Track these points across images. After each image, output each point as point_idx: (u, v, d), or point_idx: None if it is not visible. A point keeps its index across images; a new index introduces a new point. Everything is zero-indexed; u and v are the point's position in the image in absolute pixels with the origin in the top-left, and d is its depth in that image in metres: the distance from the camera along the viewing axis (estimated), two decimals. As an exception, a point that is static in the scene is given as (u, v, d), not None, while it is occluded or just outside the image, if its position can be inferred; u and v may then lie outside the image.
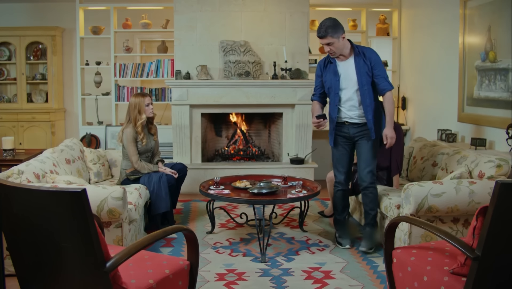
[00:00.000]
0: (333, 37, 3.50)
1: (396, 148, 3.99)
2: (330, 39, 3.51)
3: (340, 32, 3.51)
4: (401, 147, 4.14)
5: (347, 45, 3.60)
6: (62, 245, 1.94)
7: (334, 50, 3.57)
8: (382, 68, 3.57)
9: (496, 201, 1.97)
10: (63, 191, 1.85)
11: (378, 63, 3.56)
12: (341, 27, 3.54)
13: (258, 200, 3.74)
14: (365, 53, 3.60)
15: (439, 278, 2.23)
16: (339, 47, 3.55)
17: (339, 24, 3.53)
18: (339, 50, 3.57)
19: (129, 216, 3.44)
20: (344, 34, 3.54)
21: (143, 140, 4.21)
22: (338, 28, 3.51)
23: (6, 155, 4.63)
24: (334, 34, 3.50)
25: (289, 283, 3.14)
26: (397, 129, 3.85)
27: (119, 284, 2.03)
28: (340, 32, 3.51)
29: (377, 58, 3.59)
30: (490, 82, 4.46)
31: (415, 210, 3.26)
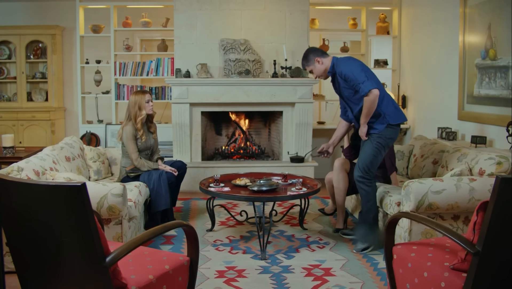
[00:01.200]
0: (309, 66, 3.77)
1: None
2: (308, 68, 3.80)
3: (311, 60, 3.74)
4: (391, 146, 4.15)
5: (327, 63, 3.73)
6: (61, 240, 1.94)
7: (317, 75, 3.79)
8: (354, 76, 3.54)
9: (496, 196, 1.97)
10: (63, 185, 1.85)
11: (348, 74, 3.57)
12: (314, 54, 3.73)
13: (258, 197, 3.74)
14: (341, 73, 3.65)
15: (440, 274, 2.23)
16: (318, 70, 3.75)
17: (310, 53, 3.76)
18: (320, 73, 3.77)
19: (129, 213, 3.44)
20: (319, 58, 3.71)
21: (142, 137, 4.21)
22: (308, 57, 3.75)
23: (6, 152, 4.62)
24: (308, 63, 3.77)
25: (289, 280, 3.14)
26: None
27: (119, 279, 2.02)
28: (312, 60, 3.73)
29: (345, 69, 3.60)
30: (490, 80, 4.46)
31: (415, 207, 3.26)
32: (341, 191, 4.12)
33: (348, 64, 3.62)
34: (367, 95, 3.51)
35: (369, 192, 3.68)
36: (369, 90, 3.49)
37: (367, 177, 3.66)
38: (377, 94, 3.51)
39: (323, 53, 3.76)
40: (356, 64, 3.62)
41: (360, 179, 3.67)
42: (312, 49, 3.83)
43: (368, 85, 3.49)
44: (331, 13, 6.85)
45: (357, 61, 3.68)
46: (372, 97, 3.50)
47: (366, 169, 3.65)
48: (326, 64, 3.72)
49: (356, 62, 3.65)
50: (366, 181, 3.66)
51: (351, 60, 3.69)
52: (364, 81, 3.51)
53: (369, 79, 3.52)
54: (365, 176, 3.65)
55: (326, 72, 3.76)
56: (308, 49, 3.86)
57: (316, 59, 3.71)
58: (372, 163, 3.66)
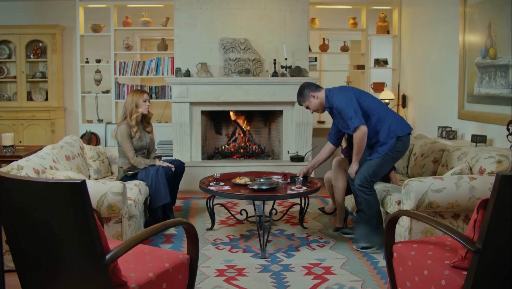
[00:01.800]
0: (305, 102, 3.81)
1: None
2: (304, 104, 3.83)
3: (307, 96, 3.77)
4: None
5: (322, 99, 3.74)
6: (61, 238, 1.93)
7: (314, 109, 3.82)
8: (347, 110, 3.56)
9: (497, 194, 1.96)
10: (62, 182, 1.85)
11: (342, 109, 3.59)
12: (308, 89, 3.77)
13: (258, 196, 3.74)
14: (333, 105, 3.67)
15: (440, 271, 2.22)
16: (315, 105, 3.78)
17: (304, 88, 3.79)
18: (316, 107, 3.80)
19: (129, 211, 3.44)
20: (314, 93, 3.74)
21: (137, 134, 4.21)
22: (303, 93, 3.79)
23: (6, 151, 4.62)
24: (303, 99, 3.80)
25: (289, 278, 3.14)
26: None
27: (119, 277, 2.02)
28: (307, 95, 3.77)
29: (336, 102, 3.62)
30: (490, 79, 4.46)
31: (416, 206, 3.25)
32: (340, 190, 4.12)
33: (339, 97, 3.63)
34: (355, 131, 3.54)
35: (369, 200, 3.61)
36: (356, 126, 3.52)
37: (367, 186, 3.60)
38: (365, 131, 3.52)
39: (317, 87, 3.77)
40: (346, 97, 3.60)
41: (360, 187, 3.60)
42: (306, 85, 3.83)
43: (355, 122, 3.52)
44: (331, 13, 6.85)
45: (348, 92, 3.65)
46: (359, 134, 3.53)
47: (368, 178, 3.59)
48: (321, 98, 3.74)
49: (346, 94, 3.63)
50: (366, 190, 3.59)
51: (341, 91, 3.68)
52: (351, 117, 3.53)
53: (357, 114, 3.52)
54: (364, 185, 3.59)
55: (322, 107, 3.77)
56: (303, 85, 3.86)
57: (311, 94, 3.73)
58: (375, 173, 3.61)
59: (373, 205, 3.62)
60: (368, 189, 3.60)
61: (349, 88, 3.78)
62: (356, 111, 3.53)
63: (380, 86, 6.67)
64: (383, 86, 6.65)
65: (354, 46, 7.41)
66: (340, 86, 3.83)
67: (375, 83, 6.72)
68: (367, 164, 3.65)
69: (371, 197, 3.61)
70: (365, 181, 3.58)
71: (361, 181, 3.59)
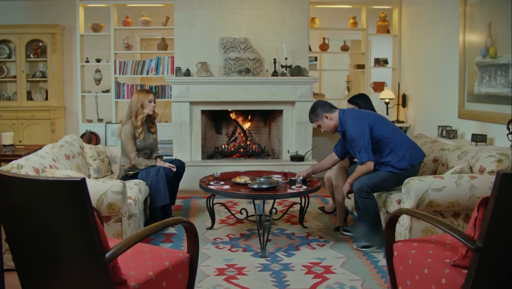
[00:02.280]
0: (317, 121, 3.77)
1: None
2: (316, 122, 3.81)
3: (320, 116, 3.73)
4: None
5: (335, 119, 3.72)
6: (61, 236, 1.93)
7: (326, 130, 3.80)
8: (357, 142, 3.58)
9: (497, 192, 1.96)
10: (62, 180, 1.84)
11: (353, 139, 3.60)
12: (322, 109, 3.73)
13: (258, 194, 3.73)
14: (345, 131, 3.67)
15: (440, 270, 2.22)
16: (327, 126, 3.75)
17: (318, 107, 3.75)
18: (329, 128, 3.77)
19: (129, 210, 3.44)
20: (328, 114, 3.70)
21: (141, 135, 4.20)
22: (316, 112, 3.75)
23: (6, 150, 4.62)
24: (316, 117, 3.77)
25: (289, 277, 3.13)
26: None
27: (119, 276, 2.02)
28: (320, 115, 3.73)
29: (351, 133, 3.61)
30: (490, 78, 4.45)
31: (416, 205, 3.25)
32: (340, 189, 4.11)
33: (352, 126, 3.61)
34: (362, 164, 3.58)
35: (366, 203, 3.61)
36: (363, 161, 3.56)
37: (368, 191, 3.59)
38: (371, 167, 3.58)
39: (331, 108, 3.74)
40: (359, 127, 3.58)
41: (358, 191, 3.60)
42: (320, 104, 3.77)
43: (364, 156, 3.56)
44: (331, 12, 6.85)
45: (361, 122, 3.60)
46: (365, 168, 3.58)
47: (369, 187, 3.58)
48: (335, 119, 3.71)
49: (360, 124, 3.59)
50: (364, 194, 3.60)
51: (355, 120, 3.63)
52: (360, 151, 3.56)
53: (366, 149, 3.55)
54: (363, 191, 3.58)
55: (335, 128, 3.74)
56: (316, 103, 3.81)
57: (325, 115, 3.70)
58: (378, 185, 3.61)
59: (370, 207, 3.62)
60: (366, 194, 3.61)
61: (363, 117, 3.68)
62: (367, 145, 3.55)
63: (380, 85, 6.67)
64: (383, 85, 6.65)
65: (354, 46, 7.41)
66: (354, 112, 3.76)
67: (375, 83, 6.71)
68: (374, 174, 3.63)
69: (368, 200, 3.61)
70: (365, 188, 3.58)
71: (361, 186, 3.59)
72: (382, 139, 3.63)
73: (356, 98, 4.37)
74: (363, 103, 4.35)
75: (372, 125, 3.61)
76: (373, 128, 3.61)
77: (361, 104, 4.30)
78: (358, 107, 4.26)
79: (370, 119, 3.65)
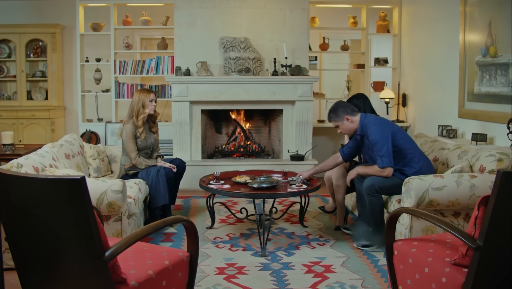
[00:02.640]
0: (337, 121, 3.74)
1: None
2: (334, 122, 3.76)
3: (341, 116, 3.71)
4: None
5: (356, 123, 3.70)
6: (61, 235, 1.92)
7: (344, 132, 3.78)
8: (380, 147, 3.56)
9: (497, 191, 1.96)
10: (62, 179, 1.84)
11: (376, 143, 3.58)
12: (344, 110, 3.70)
13: (258, 194, 3.73)
14: (367, 135, 3.65)
15: (441, 269, 2.22)
16: (346, 128, 3.74)
17: (340, 108, 3.72)
18: (347, 131, 3.76)
19: (129, 209, 3.43)
20: (349, 116, 3.68)
21: (142, 134, 4.20)
22: (338, 112, 3.72)
23: (6, 149, 4.61)
24: (336, 118, 3.73)
25: (289, 277, 3.13)
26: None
27: (118, 274, 2.01)
28: (342, 116, 3.70)
29: (374, 137, 3.59)
30: (490, 77, 4.45)
31: (416, 204, 3.24)
32: (341, 189, 4.11)
33: (375, 131, 3.59)
34: (381, 168, 3.56)
35: (372, 201, 3.61)
36: (384, 166, 3.55)
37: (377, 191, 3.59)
38: (390, 173, 3.56)
39: (353, 111, 3.73)
40: (383, 132, 3.57)
41: (368, 189, 3.59)
42: (342, 105, 3.76)
43: (385, 162, 3.54)
44: (331, 12, 6.85)
45: (385, 128, 3.60)
46: (384, 172, 3.57)
47: (381, 186, 3.57)
48: (356, 122, 3.69)
49: (384, 130, 3.58)
50: (372, 192, 3.59)
51: (379, 125, 3.62)
52: (383, 156, 3.54)
53: (389, 155, 3.54)
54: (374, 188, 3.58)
55: (354, 131, 3.73)
56: (338, 103, 3.79)
57: (346, 116, 3.68)
58: (388, 188, 3.60)
59: (376, 206, 3.60)
60: (375, 192, 3.61)
61: (386, 123, 3.68)
62: (389, 151, 3.55)
63: (380, 85, 6.67)
64: (383, 85, 6.64)
65: (354, 45, 7.41)
66: (377, 117, 3.75)
67: (375, 82, 6.71)
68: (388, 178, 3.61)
69: (375, 199, 3.61)
70: (375, 187, 3.57)
71: (372, 184, 3.58)
72: (402, 150, 3.62)
73: (355, 99, 4.30)
74: (361, 103, 4.27)
75: (394, 134, 3.61)
76: (394, 137, 3.61)
77: (359, 105, 4.23)
78: (357, 108, 4.21)
79: (393, 128, 3.66)
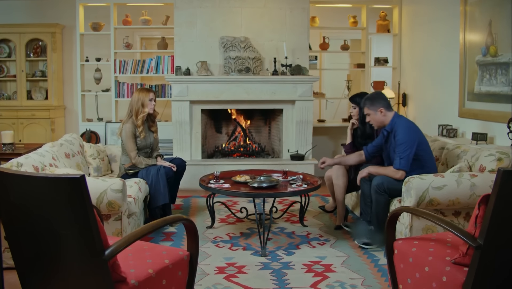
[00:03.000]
0: (369, 109, 3.71)
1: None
2: (366, 110, 3.73)
3: (376, 107, 3.67)
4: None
5: (388, 118, 3.68)
6: (60, 233, 1.92)
7: (372, 122, 3.75)
8: (403, 149, 3.54)
9: (498, 189, 1.95)
10: (62, 177, 1.83)
11: (401, 144, 3.56)
12: (381, 102, 3.67)
13: (258, 193, 3.72)
14: (396, 134, 3.63)
15: (441, 268, 2.21)
16: (376, 119, 3.71)
17: (378, 99, 3.69)
18: (375, 122, 3.74)
19: (129, 209, 3.43)
20: (384, 109, 3.65)
21: (141, 134, 4.20)
22: (374, 102, 3.69)
23: (6, 149, 4.61)
24: (371, 107, 3.70)
25: (289, 276, 3.13)
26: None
27: (118, 273, 2.01)
28: (377, 107, 3.67)
29: (402, 138, 3.56)
30: (491, 76, 4.44)
31: (416, 203, 3.24)
32: (341, 188, 4.11)
33: (405, 132, 3.57)
34: (396, 169, 3.55)
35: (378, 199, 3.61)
36: (399, 168, 3.54)
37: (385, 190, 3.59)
38: (402, 177, 3.53)
39: (389, 107, 3.71)
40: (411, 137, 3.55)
41: (376, 187, 3.59)
42: (381, 96, 3.73)
43: (403, 164, 3.53)
44: (331, 11, 6.84)
45: (414, 134, 3.58)
46: (397, 174, 3.55)
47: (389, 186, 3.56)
48: (388, 117, 3.68)
49: (412, 135, 3.56)
50: (380, 191, 3.59)
51: (410, 129, 3.60)
52: (402, 158, 3.53)
53: (408, 160, 3.53)
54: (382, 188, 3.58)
55: (382, 125, 3.72)
56: (378, 94, 3.77)
57: (381, 109, 3.66)
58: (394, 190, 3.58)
59: (381, 205, 3.59)
60: (383, 191, 3.60)
61: (416, 130, 3.66)
62: (410, 157, 3.54)
63: (380, 85, 6.66)
64: (384, 85, 6.64)
65: (354, 45, 7.40)
66: (409, 121, 3.72)
67: (375, 82, 6.70)
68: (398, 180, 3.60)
69: (382, 198, 3.60)
70: (382, 187, 3.57)
71: (381, 183, 3.57)
72: (421, 161, 3.60)
73: (358, 98, 4.27)
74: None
75: (420, 143, 3.60)
76: (419, 146, 3.59)
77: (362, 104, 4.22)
78: (359, 107, 4.20)
79: (420, 136, 3.64)
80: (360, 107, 4.16)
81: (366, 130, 4.15)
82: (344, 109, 7.35)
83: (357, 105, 4.20)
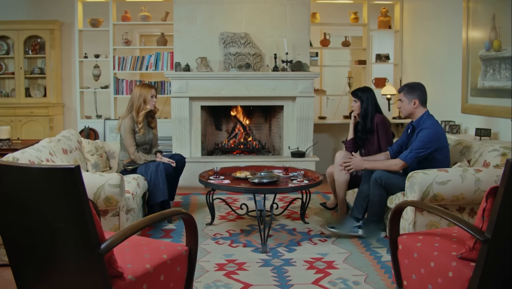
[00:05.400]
0: (405, 96, 3.67)
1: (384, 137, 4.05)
2: (401, 96, 3.70)
3: (413, 96, 3.63)
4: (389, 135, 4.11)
5: (418, 113, 3.65)
6: (55, 226, 1.86)
7: (402, 109, 3.72)
8: (419, 145, 3.50)
9: (506, 181, 1.89)
10: (56, 168, 1.77)
11: (421, 140, 3.52)
12: (418, 95, 3.62)
13: (259, 188, 3.67)
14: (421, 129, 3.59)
15: (447, 263, 2.16)
16: (406, 108, 3.68)
17: (417, 90, 3.64)
18: (404, 110, 3.70)
19: (127, 204, 3.37)
20: (418, 102, 3.62)
21: (141, 130, 4.14)
22: (413, 92, 3.64)
23: (2, 144, 4.55)
24: (407, 94, 3.66)
25: (290, 273, 3.07)
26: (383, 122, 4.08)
27: (115, 268, 1.95)
28: (413, 97, 3.63)
29: (423, 137, 3.52)
30: (494, 71, 4.39)
31: (420, 198, 3.19)
32: (342, 184, 4.06)
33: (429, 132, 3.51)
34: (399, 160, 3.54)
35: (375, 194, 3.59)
36: (403, 159, 3.52)
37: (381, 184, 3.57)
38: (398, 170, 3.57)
39: (425, 102, 3.67)
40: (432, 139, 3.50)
41: (374, 180, 3.58)
42: (422, 89, 3.67)
43: (408, 158, 3.51)
44: (332, 7, 6.79)
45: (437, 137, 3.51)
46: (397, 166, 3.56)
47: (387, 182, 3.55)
48: (419, 112, 3.64)
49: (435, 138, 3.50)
50: (378, 184, 3.58)
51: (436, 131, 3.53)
52: (412, 153, 3.50)
53: (417, 157, 3.49)
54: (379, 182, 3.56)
55: (409, 115, 3.68)
56: (421, 85, 3.72)
57: (415, 101, 3.62)
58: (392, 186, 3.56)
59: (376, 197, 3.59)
60: (380, 186, 3.58)
61: (441, 135, 3.58)
62: (420, 157, 3.50)
63: (381, 81, 6.60)
64: (385, 81, 6.58)
65: (355, 41, 7.33)
66: (439, 125, 3.64)
67: (377, 79, 6.65)
68: (398, 176, 3.58)
69: (378, 191, 3.58)
70: (379, 182, 3.56)
71: (380, 177, 3.56)
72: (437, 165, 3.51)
73: (360, 92, 4.17)
74: (365, 97, 4.16)
75: (441, 147, 3.55)
76: (440, 150, 3.54)
77: (363, 98, 4.13)
78: (361, 101, 4.13)
79: (443, 142, 3.57)
80: (362, 100, 4.10)
81: (366, 125, 4.09)
82: (345, 106, 7.29)
83: (359, 99, 4.14)
